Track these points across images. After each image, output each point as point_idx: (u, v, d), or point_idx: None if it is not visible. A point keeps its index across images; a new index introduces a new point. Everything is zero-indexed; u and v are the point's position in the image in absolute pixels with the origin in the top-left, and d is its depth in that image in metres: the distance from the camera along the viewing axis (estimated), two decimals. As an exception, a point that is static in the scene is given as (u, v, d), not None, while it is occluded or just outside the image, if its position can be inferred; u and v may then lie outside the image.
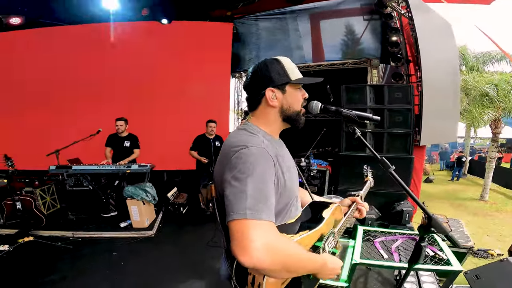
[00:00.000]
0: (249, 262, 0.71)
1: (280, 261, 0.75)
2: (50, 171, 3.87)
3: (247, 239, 0.72)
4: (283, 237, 0.82)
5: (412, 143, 4.12)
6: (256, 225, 0.74)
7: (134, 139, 4.37)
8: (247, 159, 0.82)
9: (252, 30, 6.08)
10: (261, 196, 0.78)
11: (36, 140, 5.17)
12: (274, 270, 0.75)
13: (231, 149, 0.87)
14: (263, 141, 0.90)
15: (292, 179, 0.99)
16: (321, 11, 5.58)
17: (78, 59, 5.57)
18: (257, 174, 0.80)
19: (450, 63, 5.39)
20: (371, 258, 2.14)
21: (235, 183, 0.80)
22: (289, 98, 1.00)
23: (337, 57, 5.69)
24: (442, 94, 4.90)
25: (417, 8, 4.55)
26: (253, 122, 1.02)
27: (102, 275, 2.76)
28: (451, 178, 12.12)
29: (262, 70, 0.98)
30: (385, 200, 4.04)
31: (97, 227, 3.84)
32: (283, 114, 1.01)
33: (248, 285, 0.81)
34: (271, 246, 0.73)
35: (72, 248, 3.27)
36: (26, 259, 3.02)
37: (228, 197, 0.80)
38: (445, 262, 2.04)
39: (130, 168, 3.88)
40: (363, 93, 4.22)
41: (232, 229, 0.76)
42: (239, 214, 0.75)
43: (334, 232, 1.05)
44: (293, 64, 1.02)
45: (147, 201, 3.88)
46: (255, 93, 1.00)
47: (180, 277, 2.77)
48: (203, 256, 3.23)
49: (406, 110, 4.09)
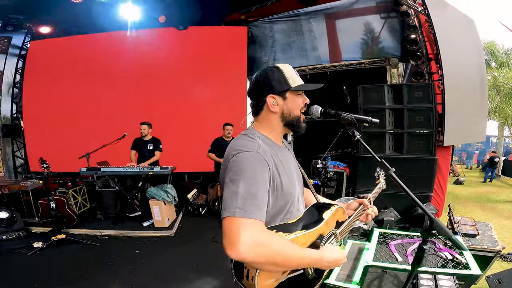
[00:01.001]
0: (234, 255, 0.79)
1: (263, 255, 0.81)
2: (81, 173, 4.17)
3: (234, 234, 0.80)
4: (269, 234, 0.88)
5: (435, 144, 3.97)
6: (243, 222, 0.81)
7: (156, 142, 4.58)
8: (241, 163, 0.90)
9: (267, 32, 6.13)
10: (250, 196, 0.85)
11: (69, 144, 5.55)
12: (259, 263, 0.82)
13: (230, 153, 0.95)
14: (259, 145, 0.96)
15: (292, 182, 1.05)
16: (336, 11, 5.53)
17: (102, 67, 5.92)
18: (249, 176, 0.87)
19: (474, 59, 5.13)
20: (384, 260, 2.12)
21: (229, 184, 0.88)
22: (289, 104, 1.05)
23: (356, 57, 5.59)
24: (467, 92, 4.69)
25: (433, 5, 4.40)
26: (255, 127, 1.08)
27: (124, 271, 2.93)
28: (484, 179, 11.41)
29: (263, 78, 1.05)
30: (406, 203, 3.93)
31: (123, 226, 4.08)
32: (284, 120, 1.06)
33: (244, 278, 0.89)
34: (255, 241, 0.80)
35: (99, 246, 3.50)
36: (58, 255, 3.26)
37: (224, 196, 0.89)
38: (464, 266, 1.98)
39: (153, 170, 4.08)
40: (381, 93, 4.14)
41: (223, 226, 0.84)
42: (229, 212, 0.83)
43: (335, 233, 1.09)
44: (294, 70, 1.08)
45: (168, 201, 4.06)
46: (257, 99, 1.07)
47: (197, 275, 2.88)
48: (220, 255, 3.31)
49: (427, 109, 3.96)
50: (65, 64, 5.90)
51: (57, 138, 5.81)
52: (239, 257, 0.79)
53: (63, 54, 5.92)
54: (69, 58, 5.89)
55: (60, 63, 5.92)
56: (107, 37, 5.98)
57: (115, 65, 5.92)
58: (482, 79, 5.35)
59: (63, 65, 5.90)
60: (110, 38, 5.98)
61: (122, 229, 3.98)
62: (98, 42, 5.96)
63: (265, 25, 6.11)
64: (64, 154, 5.31)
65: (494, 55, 10.43)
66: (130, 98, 5.96)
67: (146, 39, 5.90)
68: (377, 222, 3.60)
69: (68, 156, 5.05)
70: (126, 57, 5.90)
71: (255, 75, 1.09)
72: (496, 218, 6.13)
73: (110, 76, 5.92)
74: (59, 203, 3.72)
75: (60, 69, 5.92)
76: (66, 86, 5.90)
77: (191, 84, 6.03)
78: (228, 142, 4.69)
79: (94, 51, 5.89)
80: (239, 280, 0.91)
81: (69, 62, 5.89)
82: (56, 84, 5.91)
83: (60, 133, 5.84)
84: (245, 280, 0.88)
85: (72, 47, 5.94)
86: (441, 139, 4.17)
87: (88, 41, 5.99)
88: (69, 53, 5.89)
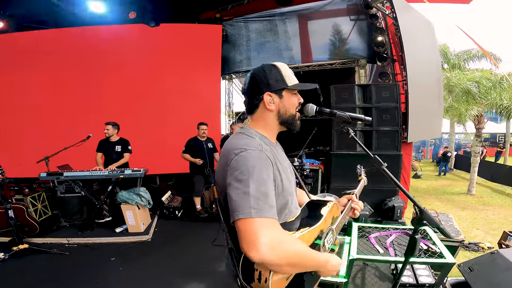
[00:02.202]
0: (257, 257, 0.76)
1: (285, 256, 0.80)
2: (40, 178, 3.79)
3: (254, 236, 0.77)
4: (285, 233, 0.87)
5: (400, 140, 4.24)
6: (261, 222, 0.79)
7: (124, 143, 4.33)
8: (246, 161, 0.87)
9: (242, 32, 6.12)
10: (263, 195, 0.83)
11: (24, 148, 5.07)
12: (280, 265, 0.80)
13: (231, 152, 0.92)
14: (260, 144, 0.95)
15: (289, 179, 1.05)
16: (308, 12, 5.68)
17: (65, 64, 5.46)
18: (257, 175, 0.85)
19: (432, 61, 5.57)
20: (367, 253, 2.22)
21: (237, 185, 0.84)
22: (285, 103, 1.05)
23: (325, 57, 5.81)
24: (426, 92, 5.07)
25: (401, 8, 4.65)
26: (251, 126, 1.07)
27: (102, 281, 2.75)
28: (438, 173, 12.47)
29: (260, 75, 1.04)
30: (377, 197, 4.15)
31: (92, 233, 3.81)
32: (280, 118, 1.06)
33: (255, 281, 0.85)
34: (277, 241, 0.78)
35: (69, 255, 3.23)
36: (23, 267, 2.97)
37: (232, 198, 0.84)
38: (439, 255, 2.14)
39: (124, 173, 3.84)
40: (351, 92, 4.33)
41: (239, 228, 0.80)
42: (244, 214, 0.80)
43: (332, 229, 1.11)
44: (290, 70, 1.08)
45: (142, 205, 3.87)
46: (253, 97, 1.05)
47: (181, 280, 2.79)
48: (201, 257, 3.25)
49: (393, 108, 4.21)
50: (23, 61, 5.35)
51: (9, 141, 5.25)
52: (263, 259, 0.76)
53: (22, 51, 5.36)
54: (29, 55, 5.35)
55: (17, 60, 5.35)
56: (71, 32, 5.51)
57: (80, 62, 5.49)
58: (439, 80, 5.83)
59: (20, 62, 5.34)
60: (74, 33, 5.51)
61: (92, 236, 3.71)
62: (61, 38, 5.48)
63: (240, 24, 6.10)
64: (18, 158, 4.83)
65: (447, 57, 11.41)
66: (95, 98, 5.56)
67: (114, 35, 5.56)
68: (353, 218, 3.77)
69: (23, 160, 4.61)
70: (92, 54, 5.51)
71: (250, 72, 1.08)
72: (454, 209, 6.73)
73: (74, 74, 5.47)
74: (18, 211, 3.37)
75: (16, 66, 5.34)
76: (23, 85, 5.35)
77: (162, 83, 5.82)
78: (203, 142, 4.60)
79: (56, 48, 5.41)
80: (248, 283, 0.88)
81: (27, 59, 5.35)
82: (11, 83, 5.33)
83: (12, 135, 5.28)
84: (256, 283, 0.85)
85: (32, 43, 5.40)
86: (405, 136, 4.48)
87: (50, 36, 5.48)
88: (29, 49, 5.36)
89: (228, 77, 7.30)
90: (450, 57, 11.39)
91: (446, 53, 11.38)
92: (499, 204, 7.25)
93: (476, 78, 8.64)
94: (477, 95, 8.38)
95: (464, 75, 9.07)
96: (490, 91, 8.51)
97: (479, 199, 7.89)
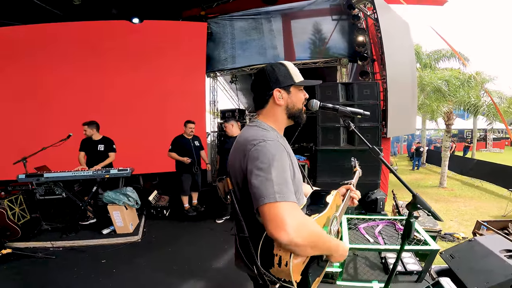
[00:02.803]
0: (286, 238, 0.82)
1: (309, 236, 0.87)
2: (19, 180, 3.59)
3: (281, 219, 0.83)
4: (306, 216, 0.94)
5: (380, 136, 4.46)
6: (286, 206, 0.86)
7: (108, 143, 4.22)
8: (267, 151, 0.93)
9: (227, 29, 6.13)
10: (284, 181, 0.90)
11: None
12: (304, 245, 0.86)
13: (249, 143, 0.98)
14: (276, 135, 1.02)
15: (298, 169, 1.13)
16: (292, 11, 5.80)
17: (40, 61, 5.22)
18: (278, 163, 0.92)
19: (408, 60, 5.88)
20: (359, 242, 2.36)
21: (259, 173, 0.90)
22: (293, 98, 1.13)
23: (306, 56, 5.96)
24: (403, 90, 5.35)
25: (382, 9, 4.86)
26: (261, 119, 1.14)
27: (95, 283, 2.68)
28: (412, 167, 13.16)
29: (270, 73, 1.10)
30: (360, 190, 4.33)
31: (77, 236, 3.68)
32: (288, 112, 1.14)
33: (275, 266, 0.91)
34: (301, 223, 0.86)
35: (56, 259, 3.11)
36: (8, 272, 2.83)
37: (255, 185, 0.90)
38: (424, 243, 2.31)
39: (109, 173, 3.74)
40: (336, 90, 4.48)
41: (265, 212, 0.86)
42: (269, 199, 0.86)
43: (336, 217, 1.20)
44: (295, 68, 1.15)
45: (130, 205, 3.79)
46: (263, 93, 1.12)
47: (180, 278, 2.77)
48: (194, 256, 3.26)
49: (373, 105, 4.41)
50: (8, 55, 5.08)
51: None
52: (291, 240, 0.83)
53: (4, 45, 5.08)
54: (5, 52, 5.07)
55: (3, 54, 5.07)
56: (52, 28, 5.25)
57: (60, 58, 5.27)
58: (413, 78, 6.17)
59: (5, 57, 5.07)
60: (55, 29, 5.26)
61: (78, 239, 3.58)
62: (43, 33, 5.21)
63: (225, 22, 6.11)
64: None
65: (419, 57, 12.02)
66: (74, 96, 5.36)
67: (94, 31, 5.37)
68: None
69: None
70: (73, 50, 5.31)
71: (259, 70, 1.14)
72: (428, 202, 7.00)
73: (54, 71, 5.25)
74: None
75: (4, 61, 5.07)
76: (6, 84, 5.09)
77: (145, 81, 5.71)
78: (189, 140, 4.56)
79: (38, 43, 5.16)
80: (267, 269, 0.93)
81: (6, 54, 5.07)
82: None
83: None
84: (275, 268, 0.91)
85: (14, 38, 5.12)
86: (385, 132, 4.72)
87: (31, 31, 5.20)
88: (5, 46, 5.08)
89: (213, 75, 7.27)
90: (422, 56, 12.02)
91: (419, 53, 11.98)
92: (469, 196, 7.70)
93: (446, 77, 9.16)
94: (447, 93, 8.91)
95: (435, 74, 9.60)
96: (459, 89, 9.08)
97: (450, 191, 8.34)
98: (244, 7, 5.94)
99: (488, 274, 1.66)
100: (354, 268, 2.63)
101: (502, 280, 1.56)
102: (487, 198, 7.50)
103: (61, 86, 5.29)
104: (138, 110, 5.67)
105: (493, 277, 1.62)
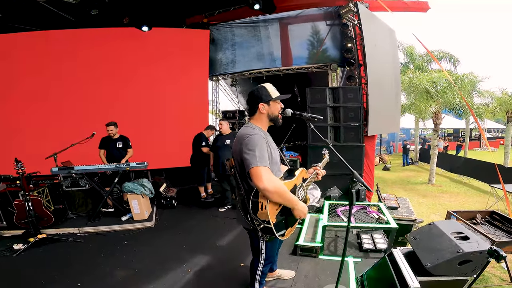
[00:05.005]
0: (262, 186, 1.44)
1: (275, 186, 1.48)
2: (53, 173, 4.17)
3: (260, 174, 1.46)
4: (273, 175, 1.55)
5: (362, 134, 5.01)
6: (263, 168, 1.49)
7: (125, 140, 4.82)
8: (253, 140, 1.57)
9: (228, 36, 6.66)
10: (262, 156, 1.53)
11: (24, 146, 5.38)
12: (272, 192, 1.47)
13: (244, 136, 1.61)
14: (259, 132, 1.65)
15: (276, 154, 1.75)
16: (289, 18, 6.30)
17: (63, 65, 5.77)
18: (259, 147, 1.55)
19: (392, 65, 6.32)
20: (335, 221, 3.01)
21: (249, 152, 1.54)
22: (272, 108, 1.75)
23: (303, 62, 6.49)
24: (385, 93, 5.83)
25: (366, 18, 5.32)
26: (252, 122, 1.76)
27: (122, 260, 3.18)
28: (403, 164, 13.73)
29: (256, 93, 1.73)
30: (345, 183, 4.90)
31: (100, 223, 4.24)
32: (269, 118, 1.76)
33: (259, 210, 1.53)
34: (271, 178, 1.48)
35: (84, 242, 3.63)
36: (46, 254, 3.31)
37: (246, 158, 1.53)
38: (386, 222, 2.97)
39: (130, 165, 4.33)
40: (324, 94, 5.07)
41: (251, 172, 1.49)
42: (254, 164, 1.49)
43: (302, 186, 1.81)
44: (273, 87, 1.77)
45: (146, 194, 4.40)
46: (252, 106, 1.75)
47: (190, 254, 3.30)
48: (201, 236, 3.86)
49: (356, 107, 4.97)
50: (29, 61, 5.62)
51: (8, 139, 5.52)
52: (263, 186, 1.44)
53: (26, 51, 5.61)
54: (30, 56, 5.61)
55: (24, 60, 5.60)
56: (69, 35, 5.79)
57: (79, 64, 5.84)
58: (397, 81, 6.61)
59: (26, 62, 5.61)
60: (72, 36, 5.80)
61: (101, 225, 4.13)
62: (62, 40, 5.75)
63: (226, 29, 6.62)
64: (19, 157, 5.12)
65: (412, 58, 12.49)
66: (93, 97, 5.95)
67: (109, 38, 5.93)
68: (326, 198, 4.53)
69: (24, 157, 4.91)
70: (89, 56, 5.86)
71: (250, 92, 1.75)
72: (415, 197, 7.54)
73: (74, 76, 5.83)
74: (36, 203, 3.77)
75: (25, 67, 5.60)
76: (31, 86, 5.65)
77: (154, 85, 6.25)
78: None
79: (56, 50, 5.70)
80: (255, 213, 1.54)
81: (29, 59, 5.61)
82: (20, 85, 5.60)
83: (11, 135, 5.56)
84: (260, 212, 1.52)
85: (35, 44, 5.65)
86: (367, 130, 5.25)
87: (50, 38, 5.71)
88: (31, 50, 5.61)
89: (215, 79, 7.84)
90: (416, 58, 12.48)
91: (412, 54, 12.45)
92: (456, 192, 8.18)
93: (434, 78, 9.67)
94: (435, 94, 9.43)
95: (424, 76, 10.11)
96: (447, 90, 9.57)
97: (438, 187, 8.83)
98: (244, 15, 6.40)
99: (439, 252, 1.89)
100: (335, 246, 3.25)
101: (449, 257, 1.81)
102: (473, 194, 7.91)
103: (77, 89, 5.85)
104: (148, 112, 6.24)
105: (442, 254, 1.86)
